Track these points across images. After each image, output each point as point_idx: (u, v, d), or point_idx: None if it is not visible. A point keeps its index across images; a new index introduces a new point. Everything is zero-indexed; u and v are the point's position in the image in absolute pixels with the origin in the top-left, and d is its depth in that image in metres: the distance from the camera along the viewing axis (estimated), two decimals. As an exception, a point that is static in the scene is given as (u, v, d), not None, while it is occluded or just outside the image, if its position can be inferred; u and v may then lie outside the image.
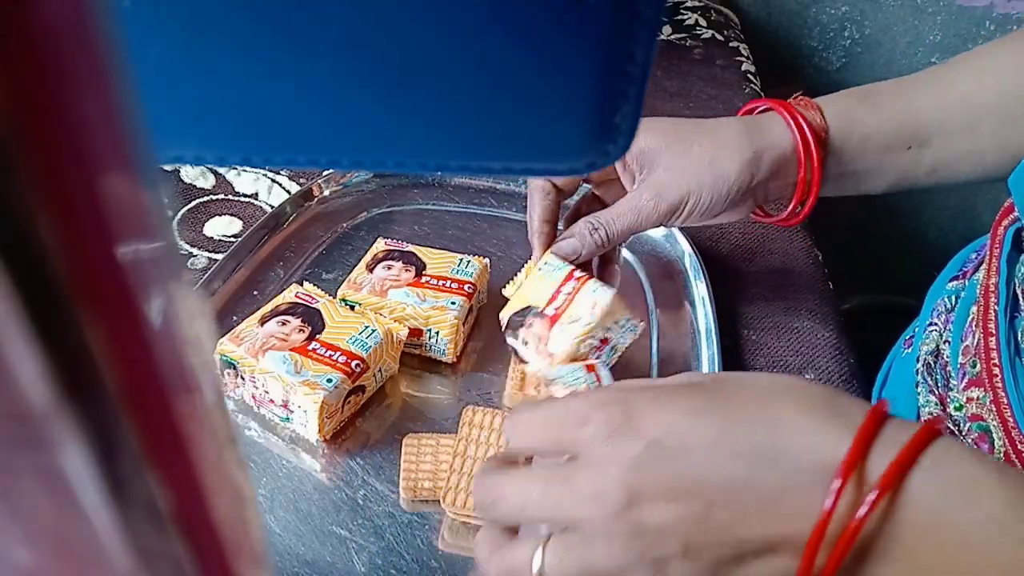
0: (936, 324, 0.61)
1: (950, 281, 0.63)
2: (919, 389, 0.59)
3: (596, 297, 0.53)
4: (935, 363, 0.59)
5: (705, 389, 0.36)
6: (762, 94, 1.01)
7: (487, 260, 0.65)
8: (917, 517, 0.32)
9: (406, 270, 0.62)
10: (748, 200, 0.58)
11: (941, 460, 0.32)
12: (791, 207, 0.59)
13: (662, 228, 0.74)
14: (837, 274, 0.76)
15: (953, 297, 0.61)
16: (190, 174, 0.80)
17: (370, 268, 0.63)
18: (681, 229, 0.72)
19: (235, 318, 0.62)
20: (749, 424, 0.34)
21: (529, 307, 0.55)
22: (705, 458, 0.34)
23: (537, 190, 0.58)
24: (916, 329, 0.67)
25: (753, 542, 0.34)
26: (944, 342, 0.59)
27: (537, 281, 0.56)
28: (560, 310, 0.53)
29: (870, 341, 0.77)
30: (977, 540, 0.31)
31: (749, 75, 1.03)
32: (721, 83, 1.00)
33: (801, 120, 0.56)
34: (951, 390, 0.56)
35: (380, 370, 0.57)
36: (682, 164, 0.55)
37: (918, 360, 0.61)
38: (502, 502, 0.37)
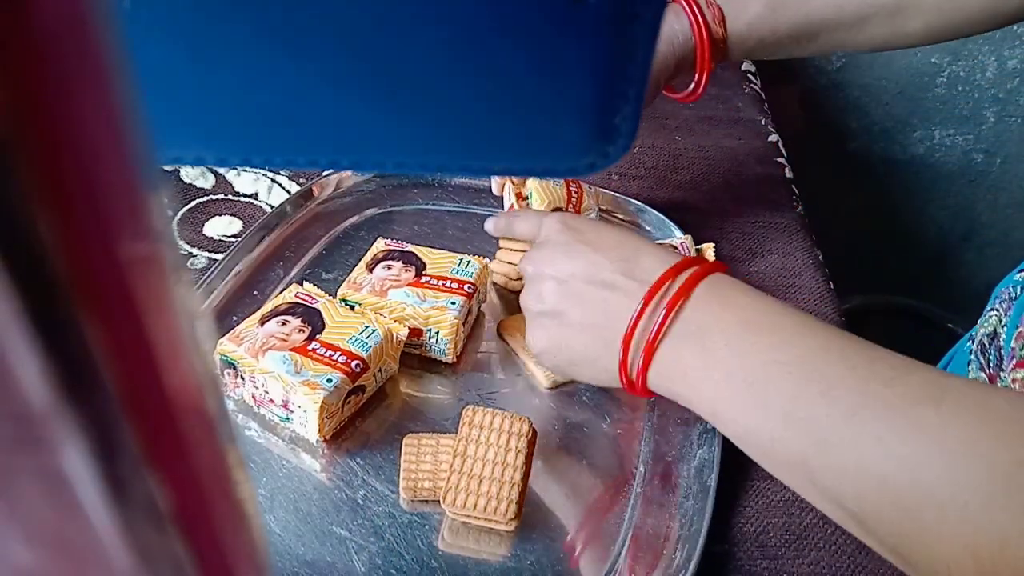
0: (997, 310, 0.64)
1: (1018, 273, 0.65)
2: (970, 368, 0.63)
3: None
4: (990, 344, 0.62)
5: (618, 231, 0.53)
6: (762, 94, 1.01)
7: (487, 260, 0.65)
8: (693, 312, 0.46)
9: (406, 270, 0.62)
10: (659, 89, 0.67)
11: (719, 282, 0.47)
12: (689, 89, 0.69)
13: (663, 228, 0.74)
14: (837, 274, 0.76)
15: (1018, 287, 0.63)
16: (190, 174, 0.80)
17: (370, 268, 0.63)
18: (682, 229, 0.72)
19: (235, 318, 0.62)
20: (621, 251, 0.51)
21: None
22: (589, 251, 0.51)
23: None
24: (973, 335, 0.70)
25: (589, 320, 0.50)
26: (1002, 326, 0.61)
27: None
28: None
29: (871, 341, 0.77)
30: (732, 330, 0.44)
31: (749, 75, 1.03)
32: (721, 83, 1.00)
33: (702, 23, 0.64)
34: (1002, 370, 0.58)
35: (380, 370, 0.57)
36: None
37: (972, 340, 0.65)
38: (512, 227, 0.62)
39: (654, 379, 0.47)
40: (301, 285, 0.60)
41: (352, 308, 0.60)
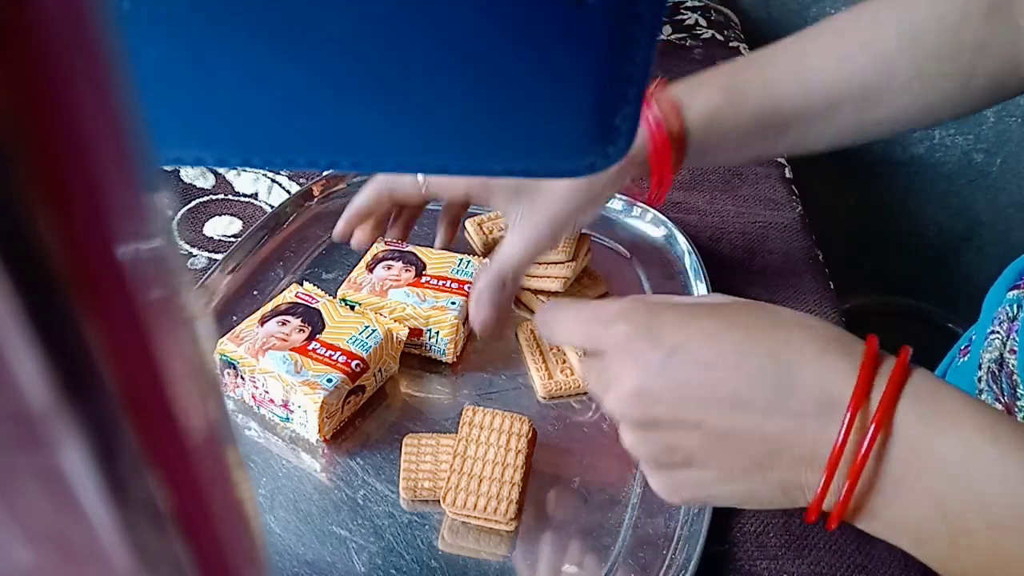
0: (998, 332, 0.61)
1: (1010, 290, 0.63)
2: (983, 398, 0.59)
3: None
4: (1000, 371, 0.59)
5: (728, 310, 0.40)
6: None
7: (487, 260, 0.65)
8: (903, 448, 0.35)
9: (406, 270, 0.62)
10: (609, 192, 0.58)
11: (920, 393, 0.36)
12: (650, 194, 0.60)
13: (663, 228, 0.74)
14: (837, 274, 0.76)
15: (1015, 306, 0.61)
16: (190, 174, 0.80)
17: (370, 268, 0.63)
18: (680, 230, 0.72)
19: (235, 318, 0.62)
20: (763, 347, 0.38)
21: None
22: (711, 376, 0.38)
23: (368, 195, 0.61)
24: (973, 337, 0.67)
25: (739, 460, 0.38)
26: (1009, 351, 0.59)
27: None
28: None
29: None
30: (954, 466, 0.34)
31: (749, 75, 1.03)
32: (721, 83, 1.00)
33: (659, 128, 0.55)
34: (1018, 399, 0.56)
35: (380, 370, 0.57)
36: (559, 185, 0.54)
37: (980, 367, 0.61)
38: (561, 332, 0.44)
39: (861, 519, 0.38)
40: (301, 285, 0.60)
41: (352, 308, 0.60)
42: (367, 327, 0.56)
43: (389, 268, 0.62)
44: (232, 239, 0.72)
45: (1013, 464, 0.33)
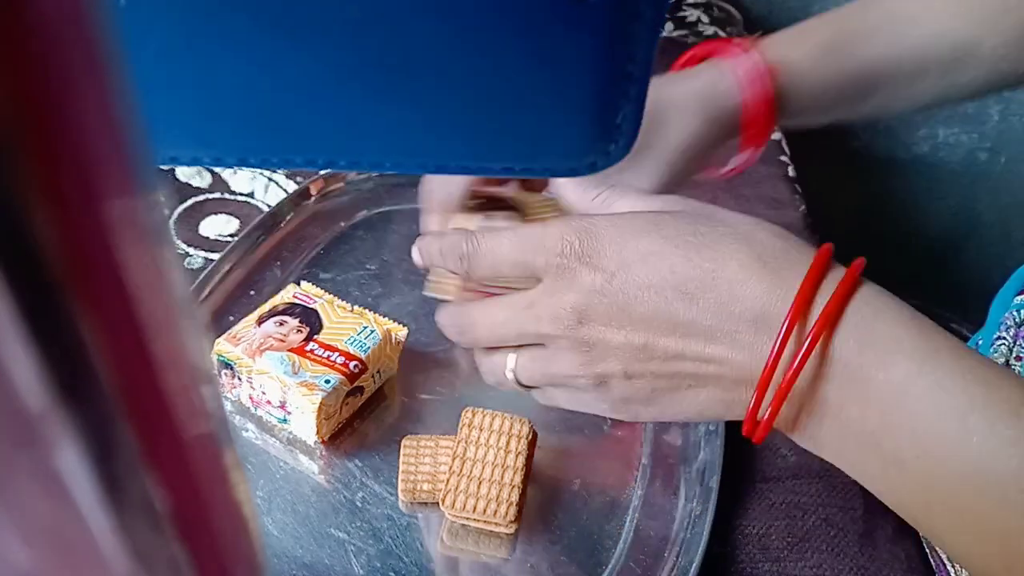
0: (1005, 338, 0.60)
1: (1018, 295, 0.62)
2: None
3: None
4: None
5: (668, 223, 0.39)
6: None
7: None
8: (839, 373, 0.35)
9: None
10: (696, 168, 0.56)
11: (864, 314, 0.36)
12: (730, 167, 0.58)
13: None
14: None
15: (1022, 311, 0.60)
16: (186, 173, 0.80)
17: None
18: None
19: (232, 318, 0.62)
20: (703, 265, 0.38)
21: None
22: (652, 298, 0.38)
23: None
24: (980, 341, 0.66)
25: (685, 378, 0.39)
26: (1015, 358, 0.58)
27: None
28: None
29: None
30: (888, 396, 0.35)
31: (748, 76, 1.03)
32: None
33: (759, 85, 0.52)
34: None
35: (379, 371, 0.57)
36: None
37: None
38: (474, 328, 0.43)
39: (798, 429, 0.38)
40: (299, 285, 0.60)
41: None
42: (365, 327, 0.56)
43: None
44: (229, 238, 0.72)
45: (946, 395, 0.34)
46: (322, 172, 0.77)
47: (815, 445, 0.38)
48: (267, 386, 0.53)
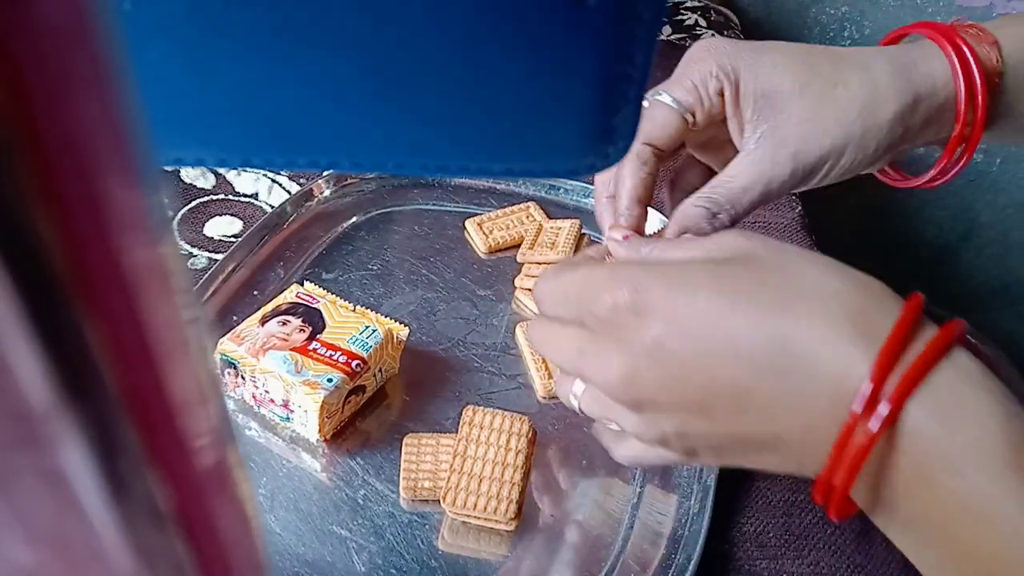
0: None
1: None
2: None
3: None
4: None
5: (729, 276, 0.35)
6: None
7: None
8: (912, 449, 0.31)
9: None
10: (886, 157, 0.46)
11: (943, 393, 0.31)
12: (939, 167, 0.47)
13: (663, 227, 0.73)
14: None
15: None
16: (190, 174, 0.80)
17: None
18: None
19: (235, 318, 0.62)
20: (769, 333, 0.33)
21: None
22: (708, 363, 0.34)
23: (630, 160, 0.45)
24: None
25: (750, 443, 0.35)
26: None
27: None
28: None
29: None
30: (956, 510, 0.30)
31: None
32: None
33: (970, 60, 0.43)
34: None
35: (380, 370, 0.57)
36: (823, 112, 0.42)
37: None
38: (539, 347, 0.40)
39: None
40: (302, 285, 0.60)
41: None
42: (367, 327, 0.56)
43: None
44: (232, 239, 0.72)
45: (1014, 517, 0.29)
46: (325, 173, 0.77)
47: (886, 527, 0.34)
48: (270, 385, 0.54)
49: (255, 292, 0.66)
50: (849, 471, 0.32)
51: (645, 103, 0.42)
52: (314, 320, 0.57)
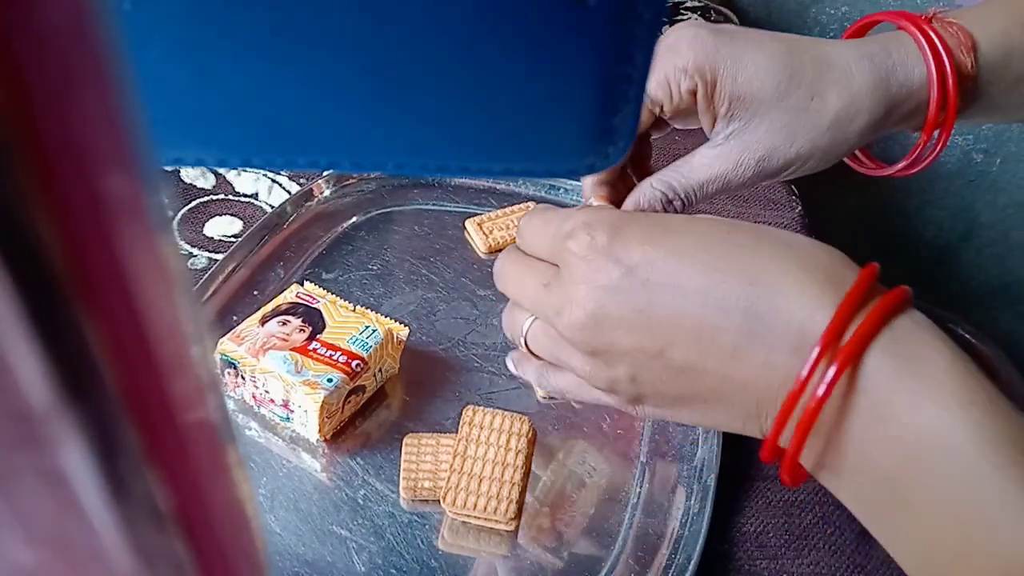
0: None
1: None
2: None
3: None
4: None
5: (704, 225, 0.36)
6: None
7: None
8: (867, 408, 0.31)
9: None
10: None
11: (901, 345, 0.32)
12: (911, 158, 0.47)
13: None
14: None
15: None
16: (190, 174, 0.80)
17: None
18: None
19: (235, 318, 0.62)
20: (738, 273, 0.34)
21: None
22: (676, 300, 0.34)
23: None
24: None
25: (701, 391, 0.35)
26: None
27: None
28: None
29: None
30: (914, 447, 0.31)
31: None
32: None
33: (946, 64, 0.43)
34: None
35: (380, 370, 0.57)
36: (796, 125, 0.43)
37: None
38: (501, 278, 0.42)
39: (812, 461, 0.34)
40: (302, 285, 0.60)
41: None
42: (367, 327, 0.56)
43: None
44: (233, 239, 0.72)
45: (971, 453, 0.30)
46: (325, 173, 0.77)
47: (835, 486, 0.34)
48: (270, 385, 0.54)
49: (255, 292, 0.66)
50: (798, 436, 0.32)
51: None
52: (314, 320, 0.57)
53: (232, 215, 0.76)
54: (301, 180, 0.79)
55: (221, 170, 0.80)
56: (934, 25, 0.44)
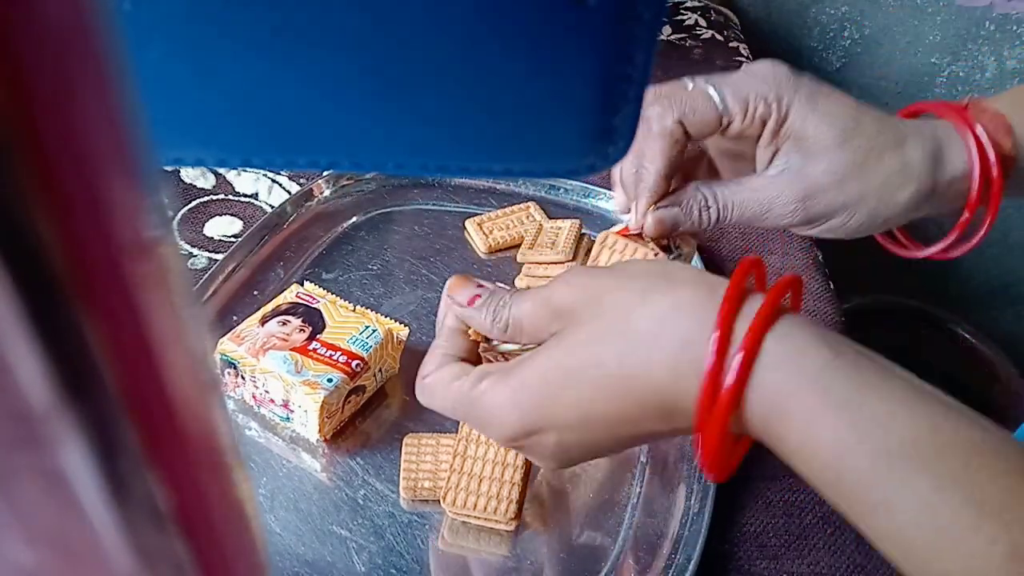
0: None
1: None
2: None
3: None
4: None
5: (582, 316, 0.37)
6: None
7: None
8: (761, 398, 0.33)
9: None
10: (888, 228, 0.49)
11: (786, 343, 0.33)
12: (948, 242, 0.49)
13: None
14: (837, 274, 0.76)
15: None
16: (190, 174, 0.80)
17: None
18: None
19: (235, 318, 0.62)
20: (619, 343, 0.36)
21: None
22: (578, 388, 0.36)
23: (662, 136, 0.46)
24: None
25: (638, 437, 0.38)
26: None
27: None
28: None
29: (872, 342, 0.77)
30: (806, 436, 0.32)
31: (749, 75, 1.03)
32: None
33: (988, 149, 0.45)
34: None
35: (380, 370, 0.57)
36: (849, 174, 0.45)
37: None
38: (433, 403, 0.43)
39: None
40: (302, 285, 0.60)
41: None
42: (367, 327, 0.56)
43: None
44: (232, 239, 0.72)
45: (856, 439, 0.31)
46: (325, 173, 0.77)
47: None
48: (270, 385, 0.54)
49: (255, 292, 0.66)
50: (727, 404, 0.33)
51: (689, 85, 0.45)
52: (314, 320, 0.57)
53: (232, 215, 0.76)
54: (301, 180, 0.79)
55: (221, 170, 0.80)
56: (972, 111, 0.46)
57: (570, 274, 0.39)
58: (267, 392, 0.54)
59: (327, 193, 0.76)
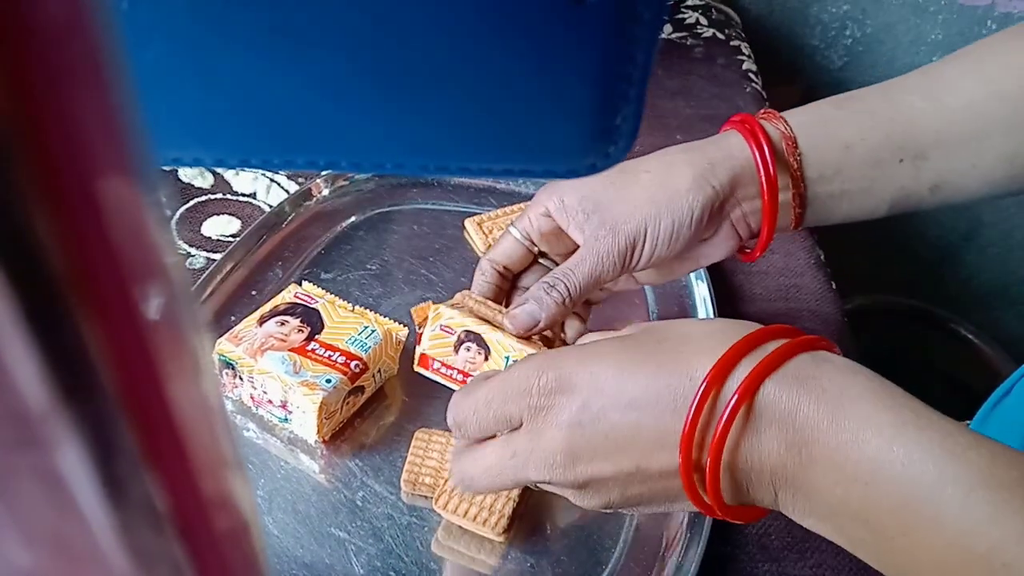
0: None
1: None
2: None
3: None
4: None
5: (637, 340, 0.40)
6: (763, 93, 1.01)
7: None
8: (774, 429, 0.35)
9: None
10: (721, 224, 0.51)
11: (806, 369, 0.36)
12: (761, 236, 0.52)
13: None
14: (839, 274, 0.76)
15: None
16: (188, 173, 0.80)
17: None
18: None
19: (233, 318, 0.62)
20: (675, 378, 0.37)
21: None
22: (632, 416, 0.37)
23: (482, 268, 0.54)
24: None
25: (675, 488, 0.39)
26: None
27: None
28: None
29: (872, 342, 0.77)
30: (869, 478, 0.34)
31: (750, 74, 1.03)
32: (722, 82, 1.00)
33: (758, 130, 0.49)
34: None
35: (379, 371, 0.57)
36: (631, 193, 0.50)
37: None
38: (475, 483, 0.42)
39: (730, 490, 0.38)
40: (300, 285, 0.60)
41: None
42: (366, 327, 0.56)
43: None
44: (231, 239, 0.72)
45: (917, 472, 0.33)
46: (323, 173, 0.77)
47: (824, 530, 0.38)
48: (268, 386, 0.54)
49: (253, 292, 0.66)
50: (711, 478, 0.36)
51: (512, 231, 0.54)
52: (312, 320, 0.57)
53: (230, 214, 0.76)
54: (299, 179, 0.79)
55: (219, 170, 0.80)
56: (752, 116, 0.51)
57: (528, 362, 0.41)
58: (265, 393, 0.54)
59: (326, 192, 0.76)
